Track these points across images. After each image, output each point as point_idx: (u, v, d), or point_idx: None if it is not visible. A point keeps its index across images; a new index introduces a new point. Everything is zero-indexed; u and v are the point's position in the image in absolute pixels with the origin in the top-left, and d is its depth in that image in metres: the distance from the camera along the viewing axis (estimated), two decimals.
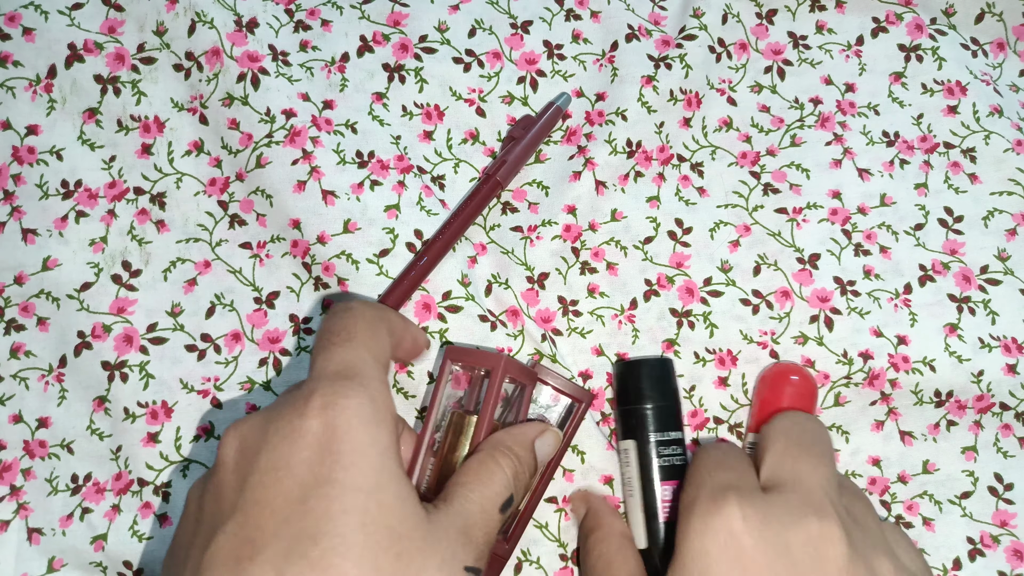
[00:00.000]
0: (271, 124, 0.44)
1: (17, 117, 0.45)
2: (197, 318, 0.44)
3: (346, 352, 0.32)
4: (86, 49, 0.45)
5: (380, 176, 0.45)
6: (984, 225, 0.47)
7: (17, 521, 0.42)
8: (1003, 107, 0.49)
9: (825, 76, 0.50)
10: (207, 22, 0.45)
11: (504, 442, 0.35)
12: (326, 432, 0.29)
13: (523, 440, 0.36)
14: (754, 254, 0.46)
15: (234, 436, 0.31)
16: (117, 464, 0.43)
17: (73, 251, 0.44)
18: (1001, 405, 0.44)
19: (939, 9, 0.51)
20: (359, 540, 0.27)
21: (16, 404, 0.43)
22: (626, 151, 0.47)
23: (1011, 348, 0.45)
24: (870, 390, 0.44)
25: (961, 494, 0.44)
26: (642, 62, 0.48)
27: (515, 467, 0.34)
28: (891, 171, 0.48)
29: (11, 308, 0.44)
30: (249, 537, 0.27)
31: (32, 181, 0.44)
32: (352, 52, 0.48)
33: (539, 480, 0.40)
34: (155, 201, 0.45)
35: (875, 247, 0.47)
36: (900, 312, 0.45)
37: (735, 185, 0.48)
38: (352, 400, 0.29)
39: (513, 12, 0.49)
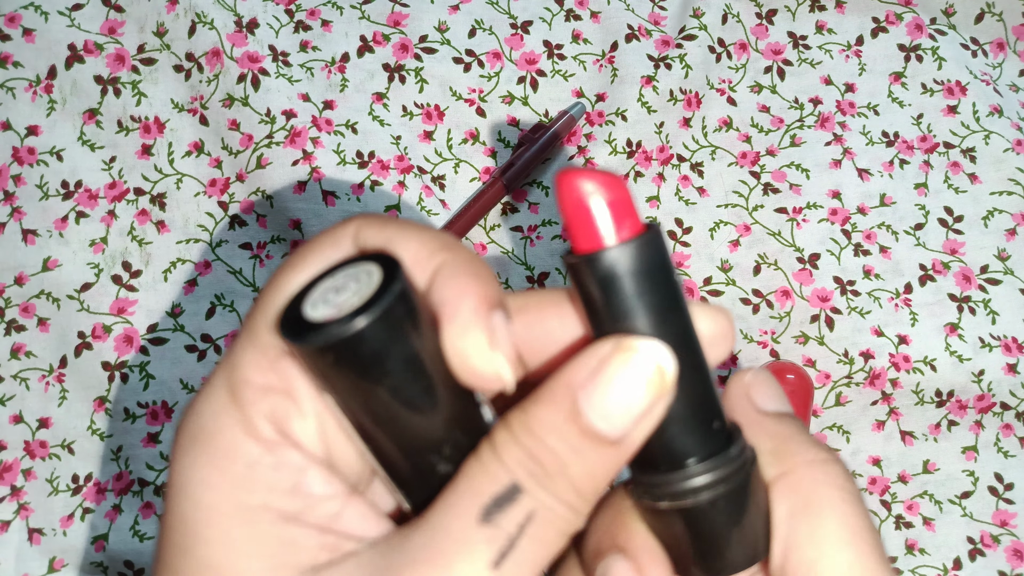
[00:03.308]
0: (271, 125, 0.44)
1: (17, 118, 0.45)
2: (197, 319, 0.44)
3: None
4: (86, 50, 0.45)
5: (380, 176, 0.45)
6: (984, 225, 0.47)
7: (18, 521, 0.42)
8: (1003, 107, 0.49)
9: (825, 76, 0.50)
10: (207, 23, 0.45)
11: (513, 423, 0.20)
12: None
13: (553, 407, 0.20)
14: (754, 254, 0.46)
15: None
16: (118, 464, 0.43)
17: (73, 252, 0.44)
18: (1002, 405, 0.44)
19: (939, 9, 0.51)
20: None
21: (17, 404, 0.43)
22: (626, 151, 0.47)
23: (1011, 348, 0.45)
24: (871, 390, 0.44)
25: (961, 494, 0.44)
26: (642, 62, 0.48)
27: (531, 469, 0.19)
28: (891, 171, 0.48)
29: (11, 309, 0.44)
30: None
31: (32, 182, 0.44)
32: (352, 52, 0.48)
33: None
34: (155, 202, 0.45)
35: (875, 247, 0.47)
36: (901, 312, 0.45)
37: (735, 185, 0.48)
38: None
39: (513, 12, 0.49)
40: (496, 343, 0.20)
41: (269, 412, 0.20)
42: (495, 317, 0.20)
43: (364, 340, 0.19)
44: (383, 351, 0.20)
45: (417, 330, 0.20)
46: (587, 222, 0.20)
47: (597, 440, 0.19)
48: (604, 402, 0.19)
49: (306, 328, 0.20)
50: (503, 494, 0.19)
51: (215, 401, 0.21)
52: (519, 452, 0.19)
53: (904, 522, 0.44)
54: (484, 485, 0.19)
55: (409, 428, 0.21)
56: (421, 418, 0.21)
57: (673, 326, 0.20)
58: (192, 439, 0.21)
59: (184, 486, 0.20)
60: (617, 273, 0.20)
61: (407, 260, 0.21)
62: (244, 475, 0.20)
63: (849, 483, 0.22)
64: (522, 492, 0.19)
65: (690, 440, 0.21)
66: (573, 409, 0.19)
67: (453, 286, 0.20)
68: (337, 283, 0.21)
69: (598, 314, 0.21)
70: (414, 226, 0.22)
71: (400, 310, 0.20)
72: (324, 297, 0.21)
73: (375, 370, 0.20)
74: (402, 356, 0.20)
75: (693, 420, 0.21)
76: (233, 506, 0.20)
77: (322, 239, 0.22)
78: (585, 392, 0.19)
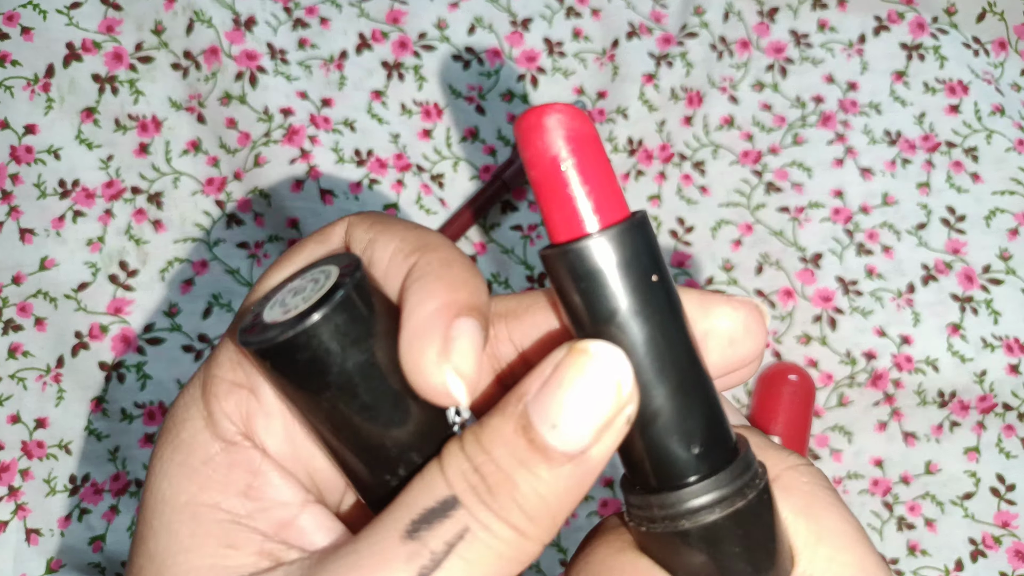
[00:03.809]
0: (269, 123, 0.44)
1: (15, 116, 0.44)
2: (194, 319, 0.44)
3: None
4: (84, 48, 0.45)
5: (379, 175, 0.45)
6: (986, 224, 0.47)
7: (15, 522, 0.42)
8: (1005, 106, 0.49)
9: (827, 75, 0.49)
10: (205, 21, 0.45)
11: (466, 434, 0.18)
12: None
13: (501, 424, 0.18)
14: (756, 253, 0.46)
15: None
16: (115, 465, 0.43)
17: (71, 251, 0.44)
18: (1004, 405, 0.44)
19: (940, 8, 0.50)
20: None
21: (14, 404, 0.43)
22: (627, 149, 0.47)
23: (1013, 348, 0.45)
24: (873, 390, 0.44)
25: (963, 495, 0.44)
26: (643, 60, 0.48)
27: (473, 483, 0.18)
28: (893, 170, 0.48)
29: (9, 308, 0.43)
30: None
31: (30, 181, 0.44)
32: (351, 50, 0.47)
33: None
34: (152, 201, 0.45)
35: (878, 246, 0.46)
36: (903, 312, 0.45)
37: (737, 184, 0.47)
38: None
39: (513, 9, 0.49)
40: (447, 354, 0.18)
41: (234, 409, 0.20)
42: (458, 326, 0.18)
43: (298, 347, 0.18)
44: (322, 358, 0.19)
45: (367, 335, 0.19)
46: (561, 192, 0.18)
47: (548, 455, 0.17)
48: (555, 413, 0.17)
49: (256, 330, 0.19)
50: (435, 508, 0.17)
51: (188, 393, 0.21)
52: (464, 464, 0.18)
53: (906, 523, 0.44)
54: (419, 498, 0.18)
55: (364, 435, 0.19)
56: (376, 426, 0.19)
57: (657, 327, 0.18)
58: (165, 429, 0.20)
59: (150, 475, 0.20)
60: (594, 267, 0.18)
61: (384, 259, 0.20)
62: (200, 471, 0.19)
63: (830, 484, 0.21)
64: (457, 508, 0.17)
65: (685, 455, 0.19)
66: (523, 420, 0.17)
67: (417, 289, 0.19)
68: (298, 285, 0.20)
69: (572, 314, 0.19)
70: (399, 225, 0.21)
71: (341, 317, 0.18)
72: (283, 299, 0.20)
73: (315, 377, 0.19)
74: (347, 363, 0.19)
75: (688, 432, 0.19)
76: (185, 500, 0.19)
77: (311, 238, 0.22)
78: (536, 402, 0.17)
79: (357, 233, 0.21)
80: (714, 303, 0.20)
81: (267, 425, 0.20)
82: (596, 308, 0.18)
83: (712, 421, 0.19)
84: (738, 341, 0.20)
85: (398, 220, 0.21)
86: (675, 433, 0.19)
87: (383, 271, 0.20)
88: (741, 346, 0.20)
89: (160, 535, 0.19)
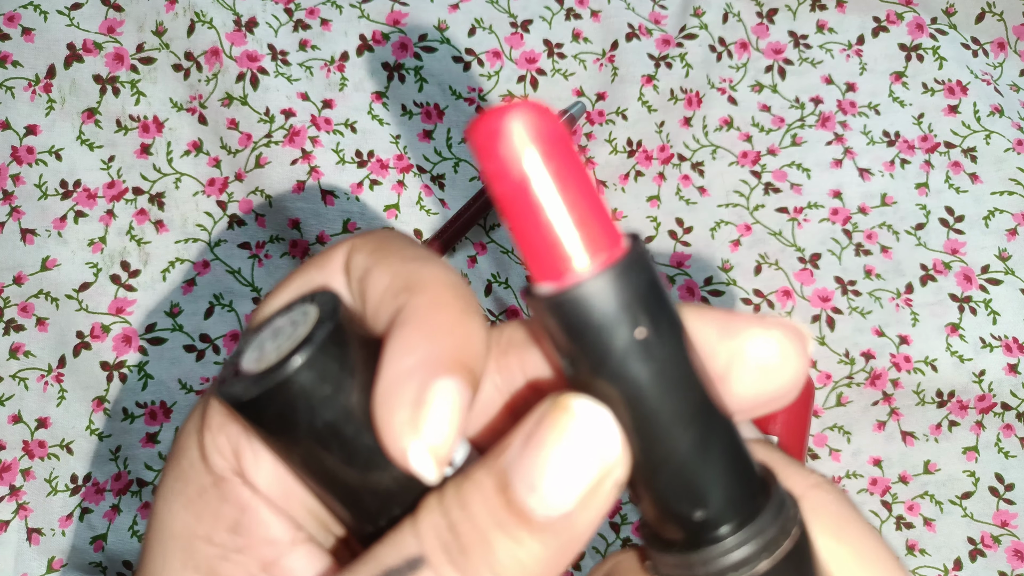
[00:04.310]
0: (270, 124, 0.44)
1: (16, 117, 0.45)
2: (196, 319, 0.44)
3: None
4: (85, 49, 0.45)
5: (380, 176, 0.45)
6: (985, 225, 0.47)
7: (17, 521, 0.42)
8: (1004, 107, 0.49)
9: (826, 75, 0.50)
10: (206, 22, 0.45)
11: (447, 487, 0.17)
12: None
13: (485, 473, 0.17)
14: (755, 253, 0.46)
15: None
16: (116, 464, 0.43)
17: (72, 251, 0.44)
18: (1003, 405, 0.44)
19: (939, 9, 0.51)
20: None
21: (16, 404, 0.43)
22: (626, 150, 0.47)
23: (1012, 348, 0.45)
24: (872, 390, 0.44)
25: (962, 494, 0.44)
26: (642, 61, 0.48)
27: (446, 542, 0.16)
28: (892, 171, 0.48)
29: (10, 308, 0.44)
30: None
31: (31, 181, 0.44)
32: (352, 51, 0.47)
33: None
34: (154, 201, 0.45)
35: (876, 247, 0.46)
36: (902, 312, 0.45)
37: (736, 184, 0.47)
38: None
39: (513, 11, 0.49)
40: (415, 424, 0.16)
41: (225, 443, 0.19)
42: (437, 389, 0.16)
43: (265, 404, 0.18)
44: (290, 415, 0.18)
45: (338, 391, 0.18)
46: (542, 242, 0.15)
47: (527, 519, 0.16)
48: (535, 475, 0.15)
49: (230, 381, 0.19)
50: (399, 567, 0.16)
51: (191, 420, 0.20)
52: (439, 520, 0.16)
53: (905, 523, 0.44)
54: (385, 555, 0.16)
55: (341, 485, 0.19)
56: (353, 476, 0.18)
57: (659, 371, 0.16)
58: (171, 453, 0.20)
59: (156, 496, 0.20)
60: (585, 315, 0.15)
61: (376, 296, 0.18)
62: (196, 501, 0.19)
63: (852, 502, 0.19)
64: (422, 569, 0.16)
65: (714, 506, 0.16)
66: (502, 478, 0.16)
67: (396, 340, 0.17)
68: (280, 324, 0.19)
69: (560, 358, 0.16)
70: (397, 255, 0.19)
71: (308, 375, 0.18)
72: (262, 342, 0.19)
73: (286, 431, 0.18)
74: (317, 419, 0.18)
75: (711, 481, 0.16)
76: (180, 529, 0.19)
77: (311, 263, 0.20)
78: (517, 460, 0.16)
79: (356, 260, 0.19)
80: (742, 325, 0.17)
81: (256, 463, 0.19)
82: (588, 357, 0.16)
83: (737, 464, 0.17)
84: (772, 369, 0.17)
85: (399, 247, 0.19)
86: (696, 484, 0.16)
87: (375, 308, 0.19)
88: (776, 375, 0.17)
89: (157, 559, 0.19)
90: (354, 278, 0.19)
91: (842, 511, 0.18)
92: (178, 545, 0.19)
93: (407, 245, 0.19)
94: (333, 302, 0.19)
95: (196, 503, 0.19)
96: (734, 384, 0.17)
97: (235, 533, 0.19)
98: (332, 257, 0.20)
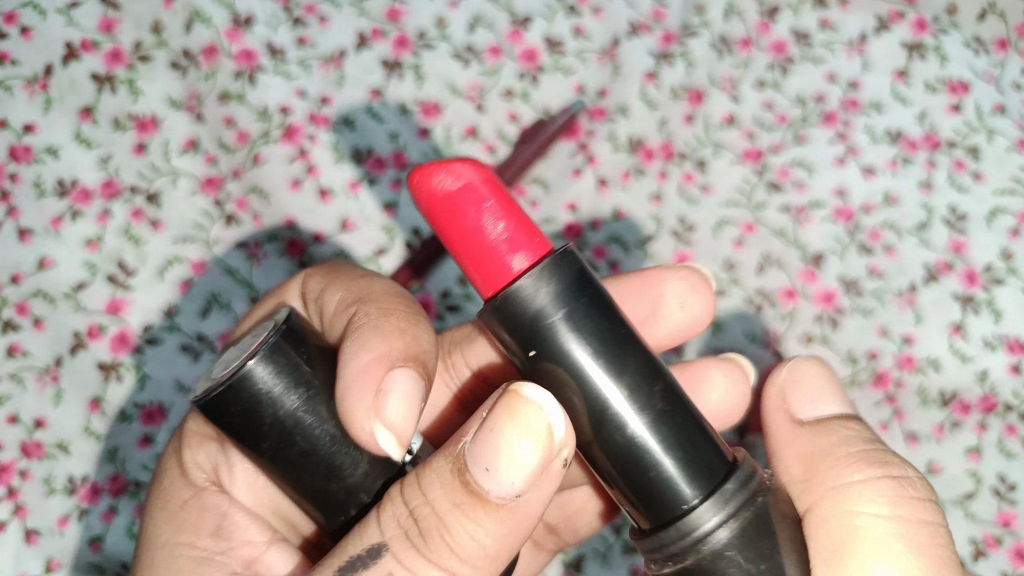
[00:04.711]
0: (268, 122, 0.44)
1: (14, 115, 0.44)
2: (193, 318, 0.44)
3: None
4: (83, 47, 0.45)
5: (378, 173, 0.45)
6: (988, 224, 0.47)
7: (15, 522, 0.42)
8: (1006, 105, 0.49)
9: (828, 73, 0.49)
10: (204, 20, 0.45)
11: (407, 477, 0.18)
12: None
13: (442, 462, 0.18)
14: (758, 253, 0.46)
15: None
16: (114, 465, 0.43)
17: (69, 251, 0.44)
18: (1005, 406, 0.44)
19: (941, 7, 0.50)
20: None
21: (13, 405, 0.43)
22: (628, 148, 0.47)
23: (1015, 348, 0.45)
24: (875, 390, 0.44)
25: (964, 495, 0.44)
26: (644, 58, 0.48)
27: (407, 527, 0.18)
28: (894, 170, 0.48)
29: (7, 308, 0.43)
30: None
31: (28, 180, 0.44)
32: (350, 48, 0.47)
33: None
34: (151, 200, 0.45)
35: (879, 246, 0.46)
36: (905, 312, 0.45)
37: (738, 183, 0.47)
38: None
39: (513, 8, 0.49)
40: (378, 408, 0.18)
41: (204, 459, 0.21)
42: (390, 378, 0.18)
43: (227, 402, 0.20)
44: (253, 409, 0.20)
45: (296, 385, 0.20)
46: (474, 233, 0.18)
47: (482, 499, 0.17)
48: (488, 456, 0.17)
49: (200, 389, 0.21)
50: (361, 556, 0.17)
51: (171, 444, 0.22)
52: (400, 509, 0.18)
53: None
54: (349, 545, 0.18)
55: (309, 480, 0.20)
56: (319, 470, 0.20)
57: (600, 355, 0.17)
58: (153, 476, 0.23)
59: (142, 516, 0.22)
60: (520, 308, 0.17)
61: (331, 310, 0.21)
62: (176, 514, 0.21)
63: (905, 508, 0.17)
64: (383, 556, 0.17)
65: (676, 481, 0.17)
66: (459, 462, 0.17)
67: (352, 341, 0.19)
68: (245, 341, 0.21)
69: (511, 356, 0.18)
70: (348, 275, 0.21)
71: (264, 371, 0.19)
72: (229, 357, 0.21)
73: (252, 427, 0.20)
74: (279, 412, 0.20)
75: (671, 455, 0.17)
76: (164, 540, 0.21)
77: (271, 293, 0.23)
78: (472, 444, 0.17)
79: (311, 284, 0.22)
80: (659, 276, 0.21)
81: (231, 474, 0.21)
82: (527, 346, 0.18)
83: (690, 435, 0.18)
84: (689, 301, 0.20)
85: (349, 269, 0.21)
86: (657, 458, 0.17)
87: (330, 320, 0.21)
88: (692, 305, 0.20)
89: (145, 570, 0.21)
90: (310, 299, 0.22)
91: (855, 525, 0.17)
92: (163, 554, 0.21)
93: (355, 268, 0.22)
94: (286, 312, 0.21)
95: (178, 515, 0.21)
96: (662, 320, 0.21)
97: (218, 537, 0.21)
98: (288, 286, 0.22)
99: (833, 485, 0.17)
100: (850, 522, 0.17)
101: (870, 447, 0.18)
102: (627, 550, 0.44)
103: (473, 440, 0.17)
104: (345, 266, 0.22)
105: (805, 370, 0.19)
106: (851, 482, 0.17)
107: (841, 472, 0.18)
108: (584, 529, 0.25)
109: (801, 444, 0.18)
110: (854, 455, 0.18)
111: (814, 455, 0.18)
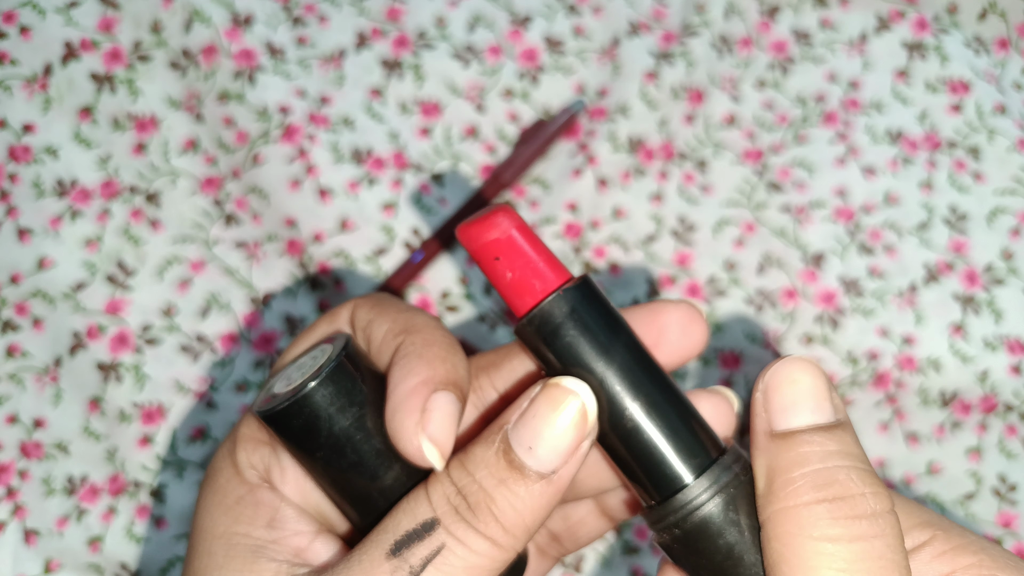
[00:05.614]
0: (267, 122, 0.44)
1: (13, 115, 0.44)
2: (192, 318, 0.44)
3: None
4: (82, 47, 0.45)
5: (378, 173, 0.45)
6: (988, 224, 0.47)
7: (14, 522, 0.42)
8: (1007, 105, 0.49)
9: (829, 73, 0.49)
10: (204, 19, 0.45)
11: (452, 462, 0.21)
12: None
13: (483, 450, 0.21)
14: (758, 253, 0.46)
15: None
16: (113, 466, 0.42)
17: (68, 251, 0.44)
18: (1006, 406, 0.44)
19: (942, 7, 0.50)
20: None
21: (12, 405, 0.43)
22: (628, 148, 0.47)
23: (1015, 348, 0.44)
24: (876, 391, 0.44)
25: (965, 496, 0.44)
26: (644, 58, 0.48)
27: (456, 503, 0.20)
28: (895, 170, 0.48)
29: (6, 308, 0.43)
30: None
31: (28, 180, 0.44)
32: (349, 48, 0.47)
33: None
34: (150, 200, 0.45)
35: (880, 246, 0.46)
36: (905, 312, 0.45)
37: (739, 183, 0.47)
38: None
39: (513, 7, 0.49)
40: (423, 425, 0.21)
41: (258, 461, 0.25)
42: (435, 400, 0.21)
43: (291, 416, 0.22)
44: (312, 424, 0.23)
45: (351, 405, 0.23)
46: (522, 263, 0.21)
47: (524, 474, 0.20)
48: (531, 437, 0.20)
49: (265, 401, 0.23)
50: (416, 529, 0.20)
51: (224, 447, 0.26)
52: (448, 488, 0.21)
53: None
54: (403, 521, 0.21)
55: (353, 488, 0.23)
56: (363, 479, 0.23)
57: (620, 362, 0.21)
58: (206, 476, 0.26)
59: (195, 512, 0.25)
60: (557, 325, 0.21)
61: (379, 339, 0.24)
62: (233, 508, 0.24)
63: (841, 528, 0.17)
64: (436, 528, 0.20)
65: (676, 460, 0.22)
66: (503, 444, 0.21)
67: (401, 367, 0.22)
68: (303, 361, 0.24)
69: (547, 365, 0.22)
70: (394, 308, 0.25)
71: (325, 391, 0.22)
72: (290, 374, 0.24)
73: (309, 439, 0.23)
74: (335, 427, 0.23)
75: (669, 439, 0.22)
76: (221, 531, 0.23)
77: (323, 318, 0.26)
78: (515, 428, 0.21)
79: (360, 314, 0.25)
80: (662, 308, 0.24)
81: (282, 474, 0.24)
82: (563, 357, 0.22)
83: (691, 428, 0.22)
84: (688, 328, 0.24)
85: (394, 303, 0.25)
86: (659, 443, 0.22)
87: (378, 348, 0.24)
88: (691, 331, 0.24)
89: (202, 557, 0.24)
90: (359, 328, 0.25)
91: (796, 549, 0.18)
92: (220, 543, 0.23)
93: (399, 301, 0.26)
94: (344, 339, 0.24)
95: (234, 509, 0.24)
96: (666, 345, 0.25)
97: (271, 528, 0.23)
98: (339, 313, 0.26)
99: (780, 507, 0.19)
100: (790, 542, 0.18)
101: (821, 466, 0.19)
102: (627, 550, 0.43)
103: (515, 425, 0.21)
104: (390, 299, 0.25)
105: (784, 376, 0.20)
106: (794, 505, 0.19)
107: (788, 495, 0.19)
108: (584, 537, 0.28)
109: (767, 458, 0.20)
110: (803, 476, 0.19)
111: (773, 471, 0.20)
